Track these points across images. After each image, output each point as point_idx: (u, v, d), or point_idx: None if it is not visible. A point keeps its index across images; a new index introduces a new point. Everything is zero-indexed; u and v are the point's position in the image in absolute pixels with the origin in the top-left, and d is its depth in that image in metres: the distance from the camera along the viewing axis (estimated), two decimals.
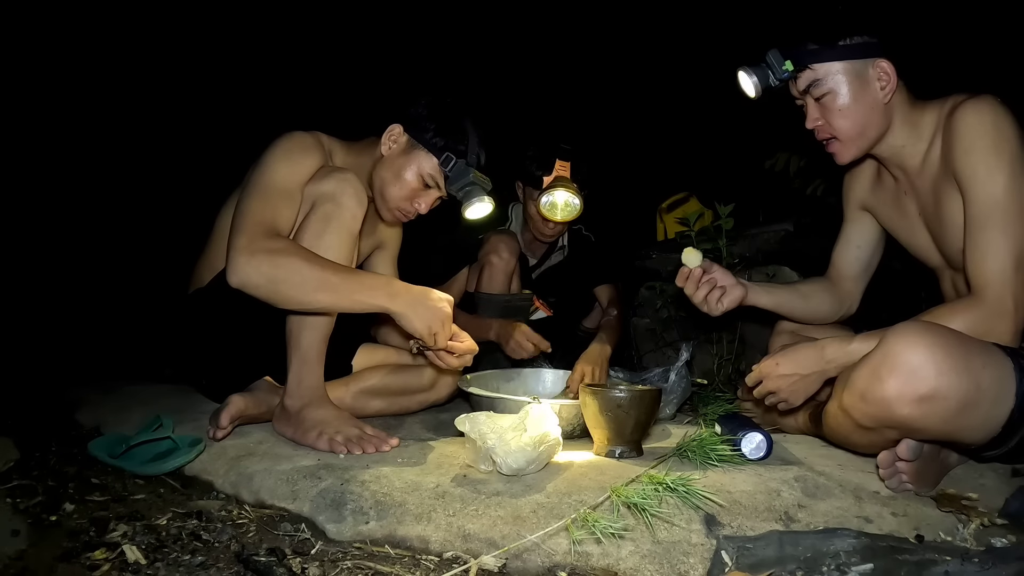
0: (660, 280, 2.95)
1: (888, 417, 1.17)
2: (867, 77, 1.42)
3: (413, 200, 1.65)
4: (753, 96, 1.52)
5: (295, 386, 1.48)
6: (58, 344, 2.82)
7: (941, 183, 1.42)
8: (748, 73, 1.50)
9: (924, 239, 1.55)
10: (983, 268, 1.29)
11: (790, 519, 1.14)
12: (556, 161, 2.31)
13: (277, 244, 1.37)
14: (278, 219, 1.44)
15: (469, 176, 1.62)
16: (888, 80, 1.42)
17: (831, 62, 1.41)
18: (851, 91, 1.42)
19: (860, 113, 1.43)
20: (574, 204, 2.30)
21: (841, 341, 1.39)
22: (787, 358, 1.44)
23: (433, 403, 1.88)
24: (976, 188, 1.31)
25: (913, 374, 1.11)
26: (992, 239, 1.29)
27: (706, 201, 3.24)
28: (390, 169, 1.64)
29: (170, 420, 1.49)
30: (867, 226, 1.71)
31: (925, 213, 1.51)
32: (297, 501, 1.21)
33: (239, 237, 1.37)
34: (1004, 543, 1.11)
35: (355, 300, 1.41)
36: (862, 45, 1.40)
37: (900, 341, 1.14)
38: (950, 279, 1.55)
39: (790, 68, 1.44)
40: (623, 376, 2.02)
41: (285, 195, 1.48)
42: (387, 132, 1.65)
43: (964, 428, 1.16)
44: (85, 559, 0.98)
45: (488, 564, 1.02)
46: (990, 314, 1.26)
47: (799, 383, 1.43)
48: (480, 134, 1.65)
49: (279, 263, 1.34)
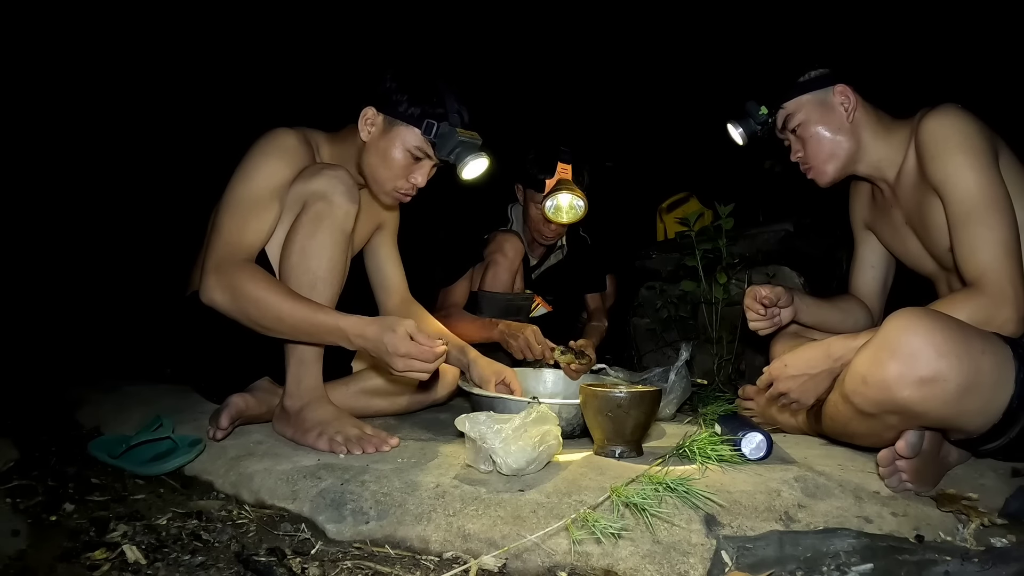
0: (660, 280, 2.96)
1: (889, 400, 1.17)
2: (831, 103, 1.58)
3: (408, 177, 1.60)
4: (741, 144, 1.74)
5: (294, 387, 1.48)
6: (58, 344, 2.82)
7: (920, 191, 1.50)
8: (734, 125, 1.71)
9: (915, 247, 1.62)
10: (975, 261, 1.33)
11: (790, 519, 1.14)
12: (558, 164, 2.32)
13: (241, 275, 1.40)
14: (248, 235, 1.46)
15: (456, 137, 1.56)
16: (848, 101, 1.57)
17: (798, 97, 1.59)
18: (819, 116, 1.58)
19: (828, 135, 1.58)
20: (578, 206, 2.31)
21: (846, 338, 1.40)
22: (795, 359, 1.46)
23: (433, 403, 1.88)
24: (951, 189, 1.38)
25: (913, 357, 1.13)
26: (978, 233, 1.33)
27: (706, 201, 3.24)
28: (375, 153, 1.59)
29: (170, 420, 1.49)
30: (876, 246, 1.78)
31: (911, 221, 1.58)
32: (297, 501, 1.21)
33: (210, 257, 1.43)
34: (1004, 543, 1.11)
35: (309, 337, 1.42)
36: (819, 77, 1.59)
37: (900, 325, 1.16)
38: (946, 283, 1.58)
39: (765, 111, 1.64)
40: (623, 376, 2.02)
41: (259, 204, 1.48)
42: (361, 117, 1.60)
43: (964, 413, 1.17)
44: (85, 559, 0.98)
45: (488, 564, 1.02)
46: (992, 302, 1.28)
47: (809, 383, 1.44)
48: (457, 92, 1.60)
49: (239, 295, 1.38)
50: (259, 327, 1.41)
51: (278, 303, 1.37)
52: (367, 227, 1.82)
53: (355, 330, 1.36)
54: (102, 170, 3.49)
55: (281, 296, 1.39)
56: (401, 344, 1.32)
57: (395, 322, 1.34)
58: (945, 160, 1.39)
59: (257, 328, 1.41)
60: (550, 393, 2.05)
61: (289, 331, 1.41)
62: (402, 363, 1.33)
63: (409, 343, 1.32)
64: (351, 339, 1.37)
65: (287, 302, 1.38)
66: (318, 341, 1.44)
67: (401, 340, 1.32)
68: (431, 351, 1.34)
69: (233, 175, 1.52)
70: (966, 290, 1.34)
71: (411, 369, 1.34)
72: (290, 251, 1.47)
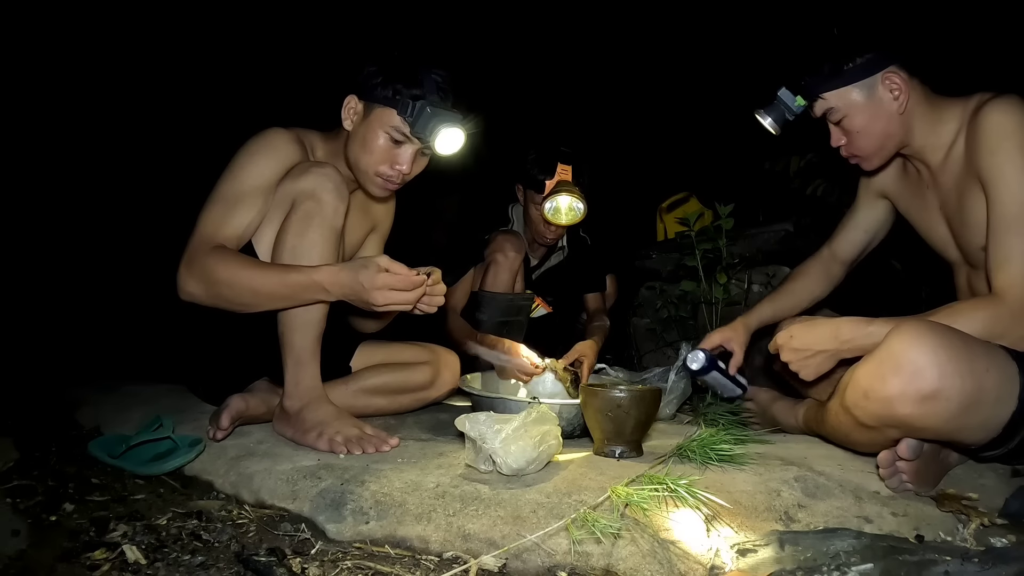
0: (660, 280, 2.96)
1: (890, 416, 1.17)
2: (879, 92, 1.43)
3: (392, 163, 1.58)
4: (775, 134, 1.57)
5: (293, 387, 1.48)
6: (58, 344, 2.82)
7: (964, 181, 1.42)
8: (763, 115, 1.55)
9: (943, 233, 1.55)
10: (1005, 270, 1.29)
11: (790, 519, 1.14)
12: (558, 165, 2.31)
13: (208, 259, 1.41)
14: (224, 229, 1.47)
15: (433, 116, 1.53)
16: (901, 90, 1.42)
17: (840, 88, 1.43)
18: (866, 110, 1.44)
19: (878, 128, 1.46)
20: (578, 208, 2.31)
21: (858, 322, 1.34)
22: (802, 333, 1.40)
23: (434, 400, 1.88)
24: (1001, 189, 1.31)
25: (916, 374, 1.12)
26: (1016, 242, 1.29)
27: (706, 201, 3.24)
28: (357, 140, 1.58)
29: (170, 420, 1.49)
30: (879, 213, 1.73)
31: (946, 208, 1.51)
32: (297, 501, 1.21)
33: (184, 253, 1.44)
34: (1004, 543, 1.11)
35: (290, 300, 1.42)
36: (867, 63, 1.42)
37: (904, 340, 1.14)
38: (966, 275, 1.55)
39: (802, 103, 1.48)
40: (623, 376, 2.02)
41: (239, 200, 1.49)
42: (344, 107, 1.59)
43: (965, 428, 1.16)
44: (85, 559, 0.98)
45: (488, 564, 1.02)
46: (1010, 315, 1.26)
47: (810, 359, 1.39)
48: (443, 74, 1.57)
49: (210, 279, 1.39)
50: (239, 306, 1.42)
51: (248, 276, 1.39)
52: (361, 230, 1.82)
53: (329, 278, 1.38)
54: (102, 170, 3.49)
55: (250, 268, 1.40)
56: (378, 278, 1.34)
57: (367, 260, 1.37)
58: (1003, 158, 1.30)
59: (238, 308, 1.42)
60: (550, 393, 2.05)
61: (267, 300, 1.41)
62: (382, 296, 1.35)
63: (385, 275, 1.34)
64: (327, 288, 1.38)
65: (257, 272, 1.39)
66: (298, 302, 1.43)
67: (376, 274, 1.34)
68: (408, 279, 1.36)
69: (221, 174, 1.53)
70: (988, 298, 1.31)
71: (392, 302, 1.36)
72: (280, 251, 1.47)
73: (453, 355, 1.91)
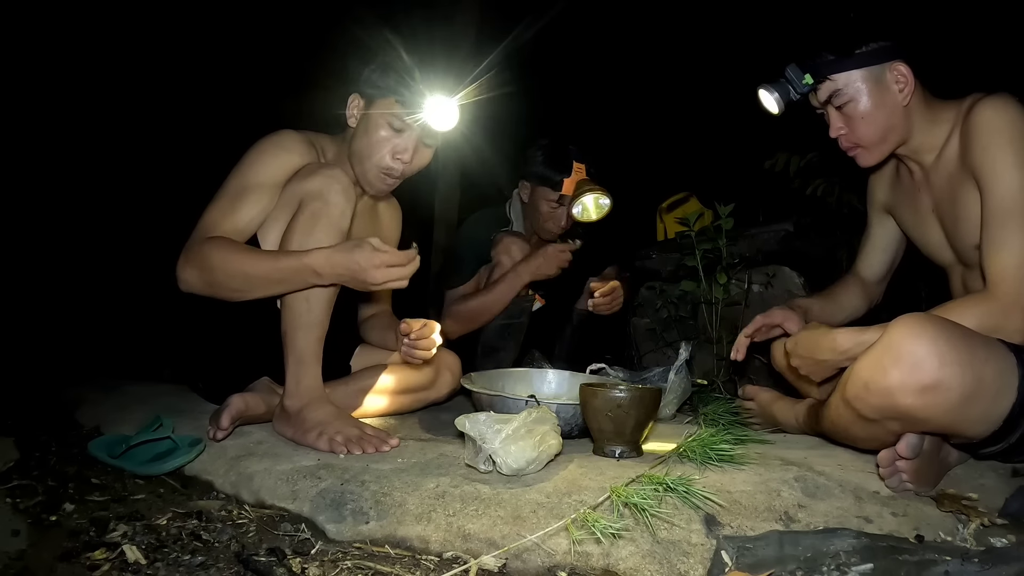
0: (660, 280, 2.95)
1: (891, 407, 1.17)
2: (885, 82, 1.44)
3: (393, 154, 1.61)
4: (776, 112, 1.54)
5: (293, 387, 1.48)
6: (57, 344, 2.82)
7: (957, 179, 1.44)
8: (769, 90, 1.52)
9: (937, 235, 1.56)
10: (998, 263, 1.30)
11: (790, 519, 1.14)
12: (574, 164, 2.32)
13: (203, 247, 1.43)
14: (224, 223, 1.49)
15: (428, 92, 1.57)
16: (906, 82, 1.44)
17: (850, 71, 1.43)
18: (871, 97, 1.44)
19: (882, 118, 1.46)
20: (604, 204, 2.33)
21: (854, 332, 1.36)
22: (804, 341, 1.44)
23: (434, 401, 1.88)
24: (995, 183, 1.32)
25: (917, 365, 1.12)
26: (1009, 235, 1.30)
27: (706, 201, 3.24)
28: (359, 134, 1.63)
29: (170, 420, 1.48)
30: (891, 229, 1.75)
31: (939, 209, 1.53)
32: (297, 501, 1.21)
33: (184, 248, 1.47)
34: (1004, 543, 1.11)
35: (282, 285, 1.43)
36: (878, 50, 1.42)
37: (904, 332, 1.15)
38: (960, 277, 1.55)
39: (810, 81, 1.46)
40: (623, 376, 2.02)
41: (243, 196, 1.51)
42: (348, 105, 1.66)
43: (965, 420, 1.17)
44: (85, 559, 0.98)
45: (488, 564, 1.02)
46: (1003, 309, 1.27)
47: (815, 366, 1.44)
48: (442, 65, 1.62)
49: (204, 266, 1.41)
50: (232, 291, 1.43)
51: (240, 261, 1.40)
52: (367, 236, 1.82)
53: (322, 260, 1.38)
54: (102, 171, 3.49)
55: (242, 254, 1.42)
56: (375, 256, 1.35)
57: (359, 240, 1.39)
58: (996, 154, 1.32)
59: (233, 295, 1.44)
60: (550, 393, 2.05)
61: (260, 285, 1.42)
62: (380, 274, 1.36)
63: (381, 253, 1.36)
64: (321, 272, 1.38)
65: (248, 257, 1.41)
66: (293, 287, 1.44)
67: (372, 253, 1.36)
68: (403, 253, 1.38)
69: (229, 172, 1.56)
70: (981, 294, 1.32)
71: (390, 278, 1.38)
72: (286, 249, 1.47)
73: (454, 356, 1.91)
